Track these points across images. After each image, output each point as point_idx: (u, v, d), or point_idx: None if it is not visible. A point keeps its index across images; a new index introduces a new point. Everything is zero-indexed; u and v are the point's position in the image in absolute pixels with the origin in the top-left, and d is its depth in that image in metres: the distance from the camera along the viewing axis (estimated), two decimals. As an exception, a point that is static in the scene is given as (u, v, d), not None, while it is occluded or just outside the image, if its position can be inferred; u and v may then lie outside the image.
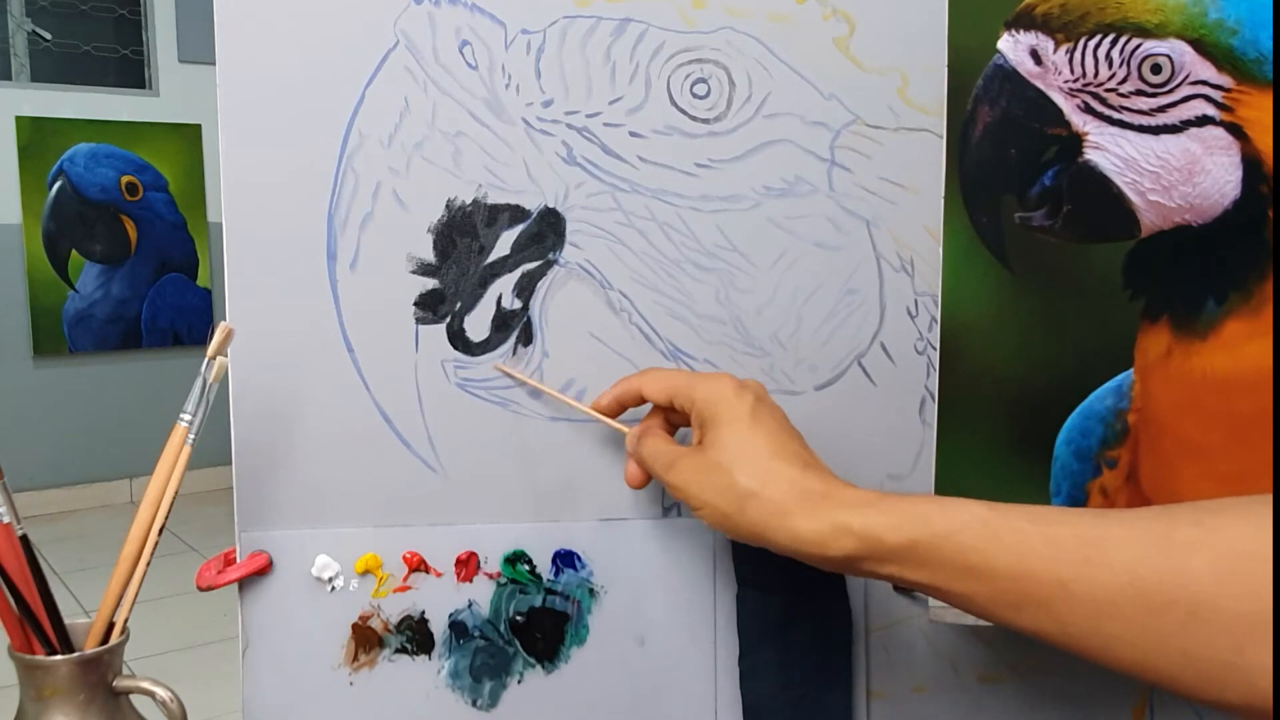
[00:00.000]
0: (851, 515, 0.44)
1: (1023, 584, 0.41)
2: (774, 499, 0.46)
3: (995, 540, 0.41)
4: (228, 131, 0.54)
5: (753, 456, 0.48)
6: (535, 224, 0.56)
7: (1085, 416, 0.55)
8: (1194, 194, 0.51)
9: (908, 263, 0.59)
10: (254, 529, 0.56)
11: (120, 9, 4.06)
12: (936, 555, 0.42)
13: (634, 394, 0.54)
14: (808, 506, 0.46)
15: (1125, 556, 0.39)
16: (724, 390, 0.50)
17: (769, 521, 0.46)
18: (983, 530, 0.42)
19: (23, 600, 0.51)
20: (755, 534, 0.47)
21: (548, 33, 0.55)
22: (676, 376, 0.53)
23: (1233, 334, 0.51)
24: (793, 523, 0.46)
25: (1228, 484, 0.52)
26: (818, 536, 0.45)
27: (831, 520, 0.45)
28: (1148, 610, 0.38)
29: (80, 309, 3.91)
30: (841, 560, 0.45)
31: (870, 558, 0.44)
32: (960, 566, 0.42)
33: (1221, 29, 0.50)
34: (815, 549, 0.45)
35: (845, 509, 0.45)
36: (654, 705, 0.59)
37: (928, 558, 0.43)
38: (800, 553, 0.46)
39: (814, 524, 0.45)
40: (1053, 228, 0.54)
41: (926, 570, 0.43)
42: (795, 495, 0.46)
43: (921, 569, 0.43)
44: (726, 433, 0.49)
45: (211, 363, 0.51)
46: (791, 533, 0.46)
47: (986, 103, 0.54)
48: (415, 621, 0.57)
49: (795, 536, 0.45)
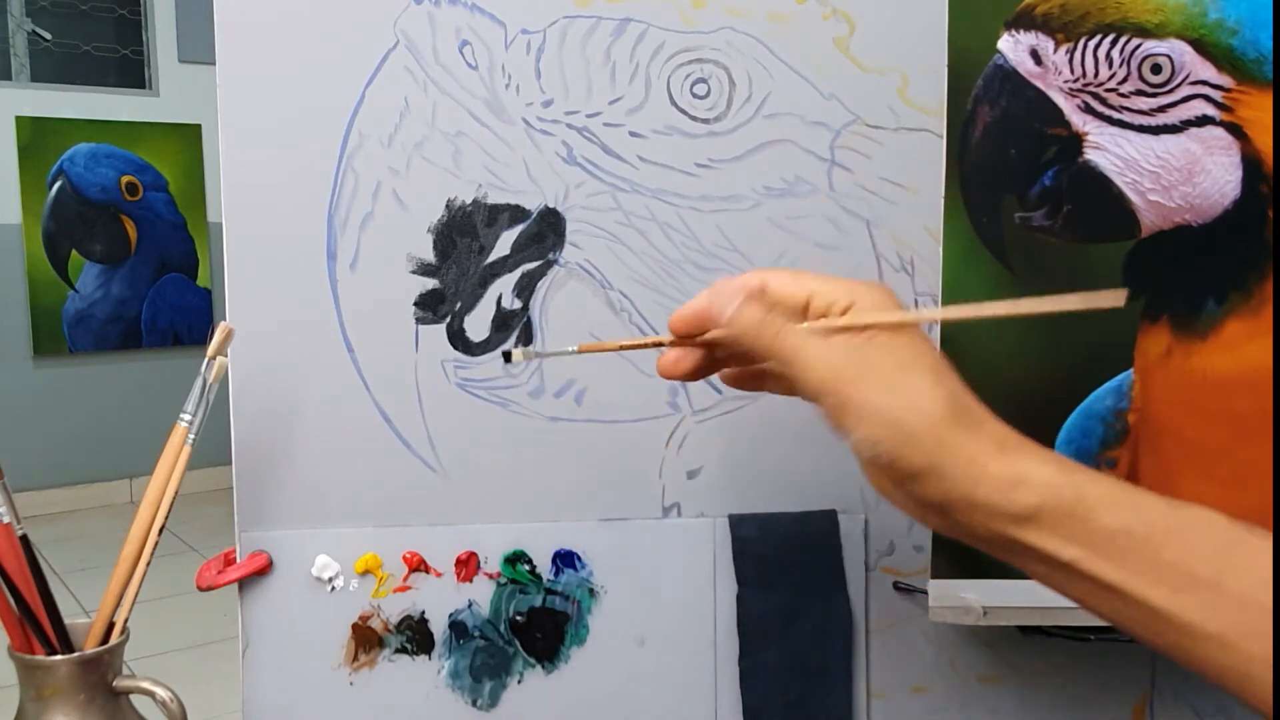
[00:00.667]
0: (1055, 470, 0.36)
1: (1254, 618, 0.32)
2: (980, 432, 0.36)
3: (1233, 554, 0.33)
4: (228, 131, 0.54)
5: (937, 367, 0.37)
6: (535, 224, 0.56)
7: (1085, 416, 0.55)
8: (1194, 194, 0.51)
9: (908, 263, 0.59)
10: (254, 529, 0.56)
11: (120, 9, 4.06)
12: (1152, 552, 0.34)
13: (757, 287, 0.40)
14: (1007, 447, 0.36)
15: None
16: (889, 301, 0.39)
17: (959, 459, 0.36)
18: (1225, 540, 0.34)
19: (23, 600, 0.51)
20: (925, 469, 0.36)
21: (548, 33, 0.55)
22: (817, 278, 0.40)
23: (1233, 334, 0.51)
24: (984, 462, 0.36)
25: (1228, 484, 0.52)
26: (1006, 480, 0.35)
27: (1026, 467, 0.36)
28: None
29: (80, 309, 3.91)
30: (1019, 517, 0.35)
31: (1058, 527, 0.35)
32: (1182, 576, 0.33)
33: (1221, 29, 0.50)
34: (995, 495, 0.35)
35: (1047, 462, 0.36)
36: (654, 705, 0.59)
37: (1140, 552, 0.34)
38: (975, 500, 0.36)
39: (1004, 466, 0.36)
40: (1053, 228, 0.54)
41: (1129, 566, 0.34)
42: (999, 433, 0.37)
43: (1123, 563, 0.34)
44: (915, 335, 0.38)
45: (211, 363, 0.51)
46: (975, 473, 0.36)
47: (986, 103, 0.54)
48: (415, 621, 0.57)
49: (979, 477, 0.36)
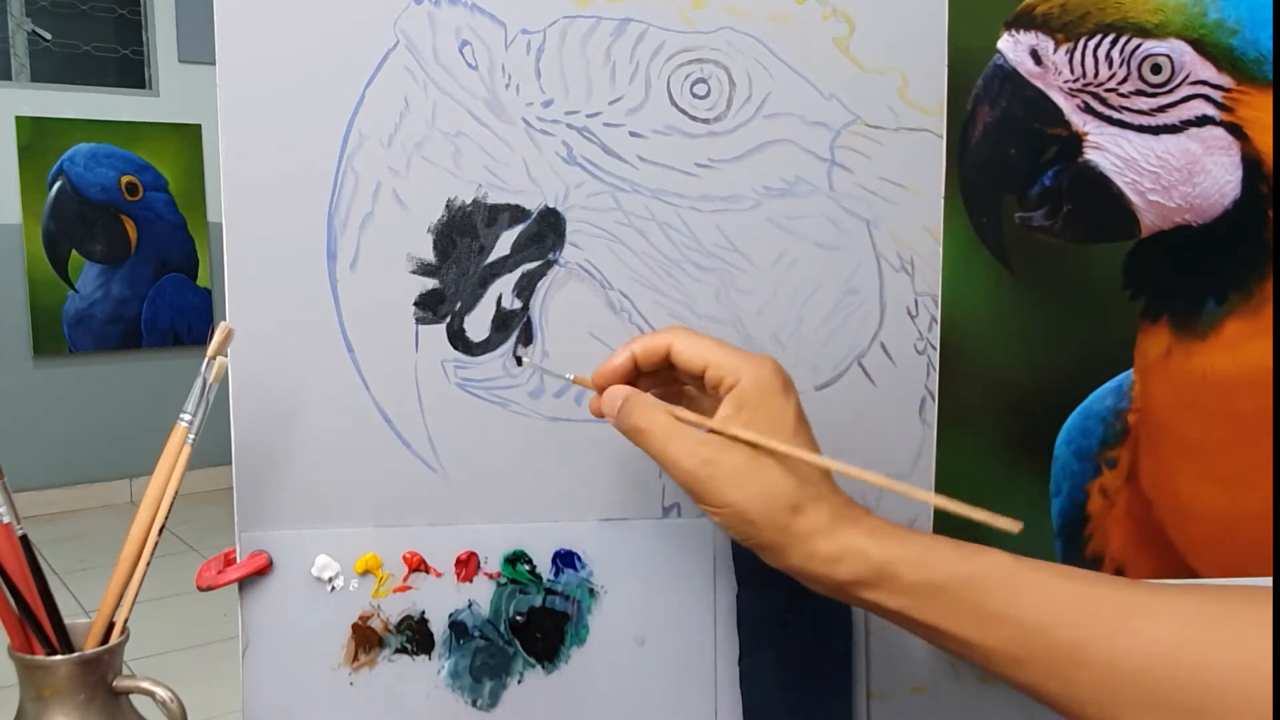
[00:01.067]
0: (871, 542, 0.43)
1: (1037, 639, 0.40)
2: (811, 519, 0.44)
3: (1017, 590, 0.40)
4: (228, 131, 0.54)
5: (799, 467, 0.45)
6: (535, 224, 0.56)
7: (1085, 416, 0.55)
8: (1194, 194, 0.51)
9: (908, 263, 0.59)
10: (254, 529, 0.56)
11: (120, 9, 4.06)
12: (950, 597, 0.41)
13: (659, 353, 0.48)
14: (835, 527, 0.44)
15: (1155, 629, 0.38)
16: (774, 380, 0.46)
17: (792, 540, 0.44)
18: (1004, 578, 0.41)
19: (23, 600, 0.51)
20: (770, 545, 0.45)
21: (548, 33, 0.55)
22: (717, 348, 0.47)
23: (1233, 334, 0.51)
24: (813, 542, 0.44)
25: (1228, 484, 0.52)
26: (830, 556, 0.44)
27: (849, 543, 0.43)
28: (1167, 685, 0.37)
29: (80, 309, 3.91)
30: (847, 584, 0.44)
31: (879, 587, 0.43)
32: (975, 613, 0.41)
33: (1221, 29, 0.50)
34: (823, 569, 0.44)
35: (865, 534, 0.44)
36: (654, 705, 0.59)
37: (940, 598, 0.42)
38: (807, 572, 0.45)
39: (830, 545, 0.44)
40: (1053, 228, 0.54)
41: (937, 610, 0.42)
42: (828, 516, 0.44)
43: (931, 608, 0.42)
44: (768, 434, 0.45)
45: (211, 363, 0.51)
46: (808, 552, 0.44)
47: (986, 103, 0.54)
48: (415, 621, 0.57)
49: (810, 555, 0.44)
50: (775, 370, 0.47)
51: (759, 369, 0.46)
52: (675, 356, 0.48)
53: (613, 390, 0.49)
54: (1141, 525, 0.54)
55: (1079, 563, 0.56)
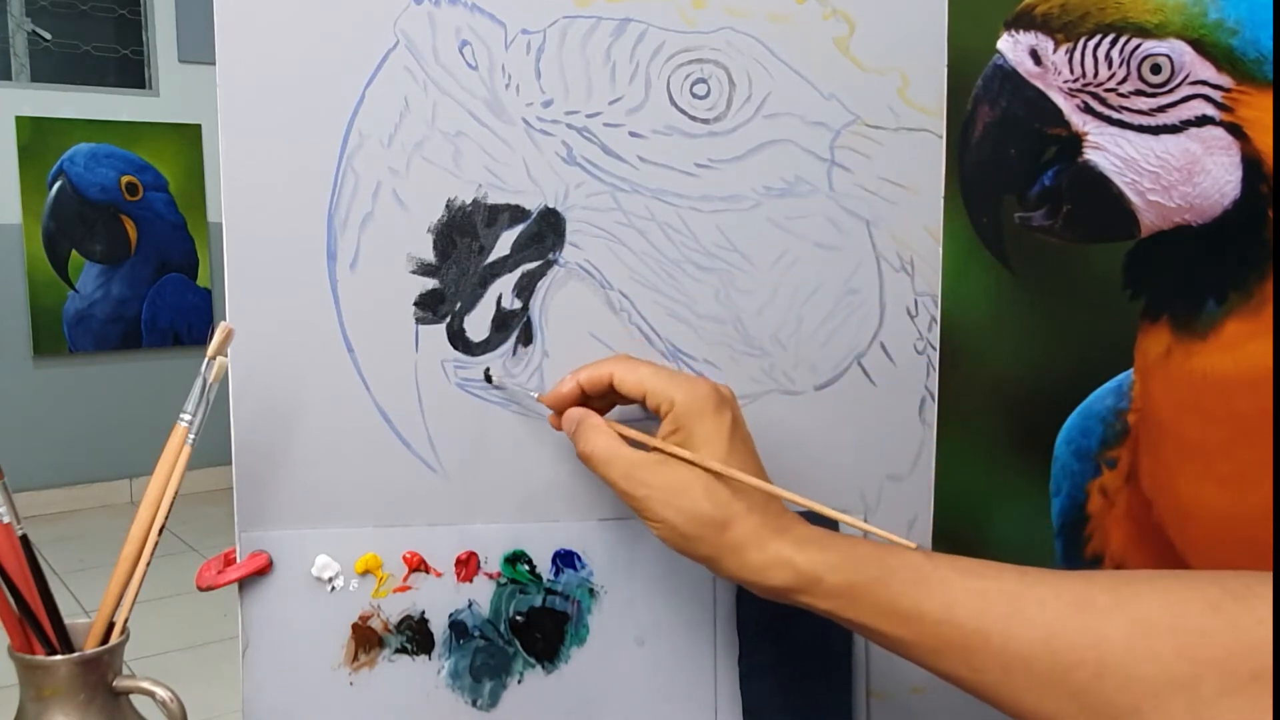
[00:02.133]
0: (796, 551, 0.47)
1: (945, 630, 0.43)
2: (740, 532, 0.47)
3: (925, 588, 0.44)
4: (228, 131, 0.54)
5: (726, 484, 0.48)
6: (535, 224, 0.56)
7: (1085, 416, 0.55)
8: (1194, 194, 0.51)
9: (908, 263, 0.59)
10: (254, 529, 0.56)
11: (120, 9, 4.06)
12: (870, 597, 0.45)
13: (603, 382, 0.52)
14: (763, 538, 0.47)
15: (1045, 615, 0.42)
16: (706, 401, 0.50)
17: (725, 552, 0.48)
18: (915, 577, 0.45)
19: (23, 600, 0.51)
20: (707, 558, 0.48)
21: (548, 33, 0.55)
22: (654, 375, 0.51)
23: (1233, 334, 0.51)
24: (745, 553, 0.47)
25: (1228, 484, 0.52)
26: (761, 565, 0.47)
27: (777, 553, 0.47)
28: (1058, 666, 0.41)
29: (80, 309, 3.91)
30: (779, 590, 0.47)
31: (807, 592, 0.46)
32: (891, 610, 0.45)
33: (1221, 29, 0.50)
34: (755, 577, 0.47)
35: (792, 545, 0.47)
36: (654, 705, 0.59)
37: (862, 598, 0.45)
38: (742, 579, 0.48)
39: (760, 555, 0.47)
40: (1053, 228, 0.54)
41: (860, 610, 0.45)
42: (755, 529, 0.48)
43: (855, 608, 0.46)
44: (703, 452, 0.49)
45: (211, 363, 0.51)
46: (740, 562, 0.47)
47: (986, 103, 0.54)
48: (415, 621, 0.57)
49: (743, 565, 0.47)
50: (708, 392, 0.50)
51: (692, 391, 0.50)
52: (617, 385, 0.52)
53: (570, 412, 0.53)
54: (1141, 525, 0.54)
55: (1079, 563, 0.56)
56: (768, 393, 0.58)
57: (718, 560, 0.48)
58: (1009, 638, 0.42)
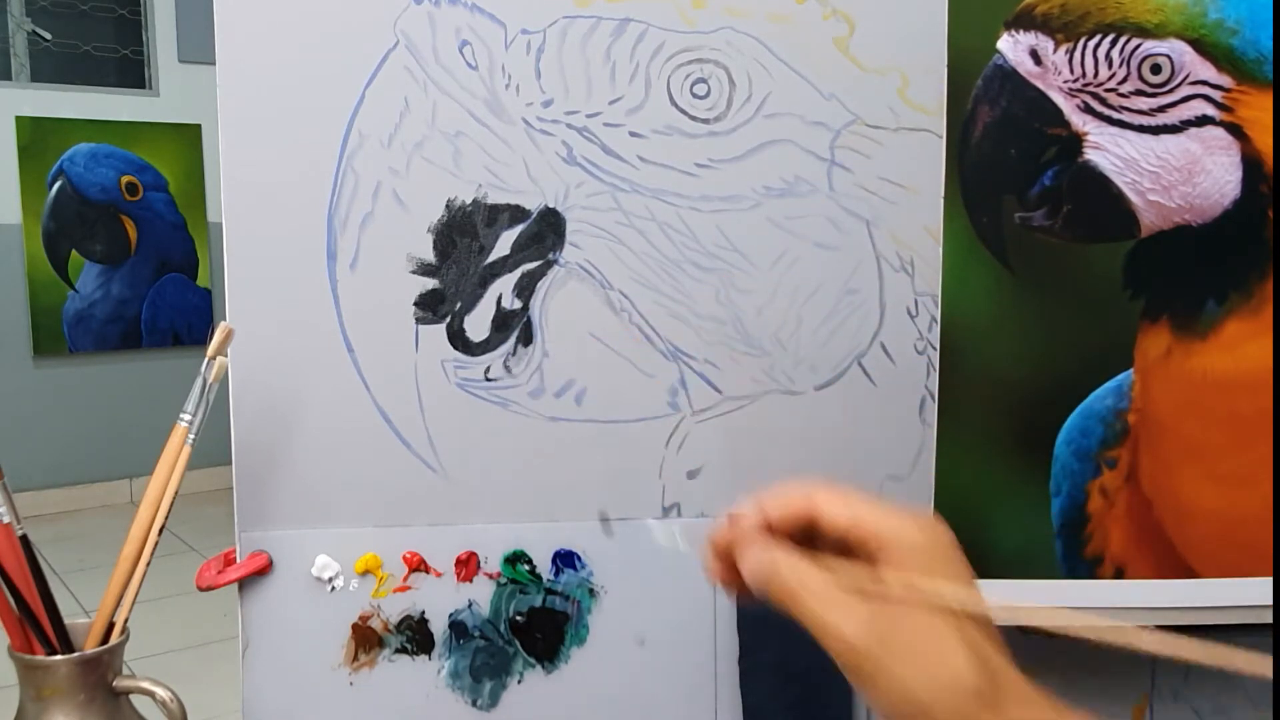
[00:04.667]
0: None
1: None
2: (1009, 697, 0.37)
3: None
4: (228, 131, 0.54)
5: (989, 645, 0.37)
6: (535, 224, 0.56)
7: (1085, 416, 0.55)
8: (1194, 194, 0.51)
9: (908, 263, 0.59)
10: (254, 529, 0.56)
11: (120, 9, 4.06)
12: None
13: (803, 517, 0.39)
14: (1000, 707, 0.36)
15: None
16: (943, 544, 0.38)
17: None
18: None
19: (23, 600, 0.51)
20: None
21: (548, 33, 0.55)
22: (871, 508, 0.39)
23: (1233, 334, 0.51)
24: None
25: (1228, 484, 0.52)
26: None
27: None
28: None
29: (80, 309, 3.90)
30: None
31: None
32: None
33: (1221, 29, 0.50)
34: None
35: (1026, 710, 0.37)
36: (654, 705, 0.59)
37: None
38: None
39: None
40: (1053, 228, 0.54)
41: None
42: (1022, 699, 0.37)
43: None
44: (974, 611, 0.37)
45: (211, 363, 0.51)
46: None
47: (986, 103, 0.54)
48: (415, 621, 0.57)
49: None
50: (942, 530, 0.38)
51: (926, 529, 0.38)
52: (825, 519, 0.39)
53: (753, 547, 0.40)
54: (1141, 525, 0.54)
55: (1079, 562, 0.56)
56: (768, 393, 0.58)
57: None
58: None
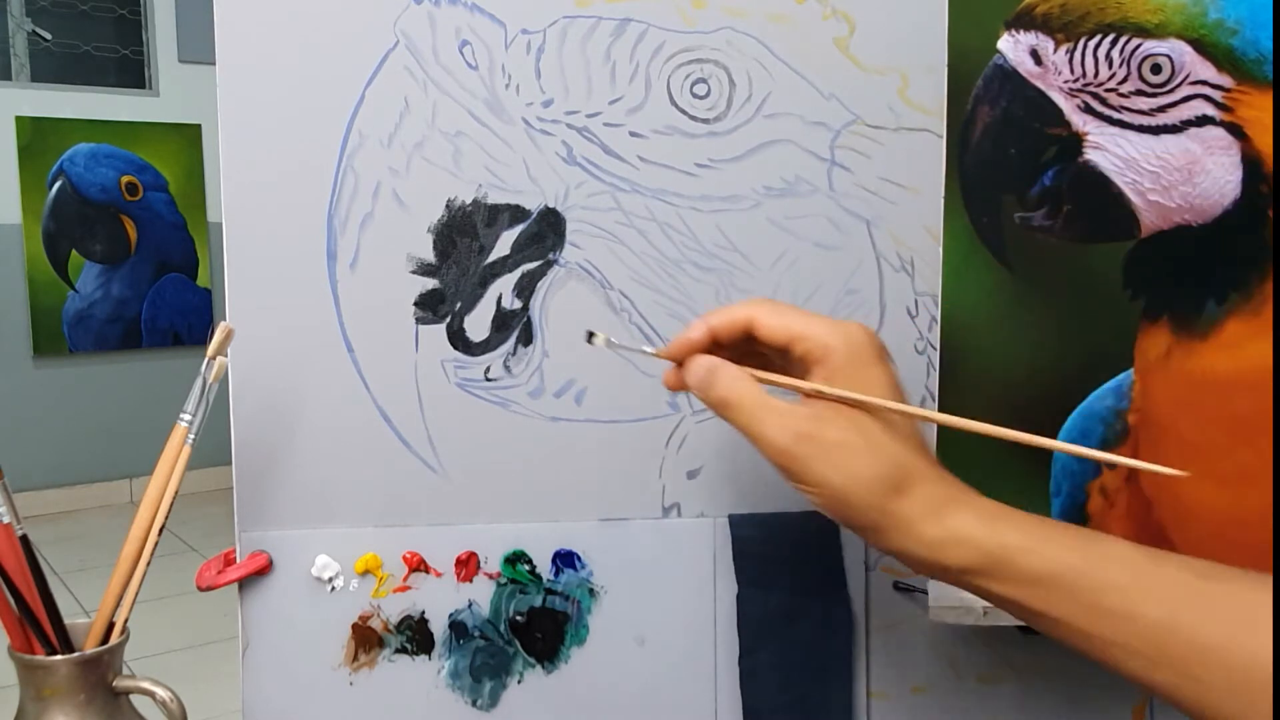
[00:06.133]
0: (980, 527, 0.40)
1: (1163, 636, 0.37)
2: (915, 500, 0.41)
3: (1141, 583, 0.38)
4: (228, 131, 0.54)
5: (899, 444, 0.41)
6: (535, 224, 0.56)
7: (1085, 416, 0.55)
8: (1194, 194, 0.51)
9: (908, 263, 0.59)
10: (254, 529, 0.56)
11: (120, 9, 4.06)
12: (1069, 588, 0.39)
13: (738, 327, 0.44)
14: (941, 508, 0.41)
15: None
16: (868, 349, 0.42)
17: (893, 522, 0.41)
18: (1129, 570, 0.38)
19: (23, 600, 0.51)
20: (870, 528, 0.41)
21: (548, 33, 0.55)
22: (802, 316, 0.43)
23: (1233, 334, 0.51)
24: (918, 526, 0.40)
25: (1228, 484, 0.52)
26: (936, 541, 0.40)
27: (957, 527, 0.40)
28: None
29: (80, 309, 3.90)
30: (954, 571, 0.41)
31: (992, 576, 0.40)
32: (1094, 606, 0.38)
33: (1221, 29, 0.50)
34: (928, 553, 0.41)
35: (975, 519, 0.40)
36: (654, 705, 0.59)
37: (1059, 589, 0.39)
38: (910, 555, 0.41)
39: (936, 529, 0.40)
40: (1053, 228, 0.54)
41: (1054, 602, 0.39)
42: (933, 497, 0.41)
43: (1048, 599, 0.39)
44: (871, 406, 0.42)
45: (211, 363, 0.51)
46: (911, 536, 0.41)
47: (986, 103, 0.54)
48: (415, 621, 0.57)
49: (914, 539, 0.41)
50: (868, 337, 0.43)
51: (851, 335, 0.42)
52: (759, 329, 0.44)
53: (697, 359, 0.44)
54: (1141, 525, 0.54)
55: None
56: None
57: (883, 532, 0.41)
58: (1249, 653, 0.36)
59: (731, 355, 0.45)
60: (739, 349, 0.45)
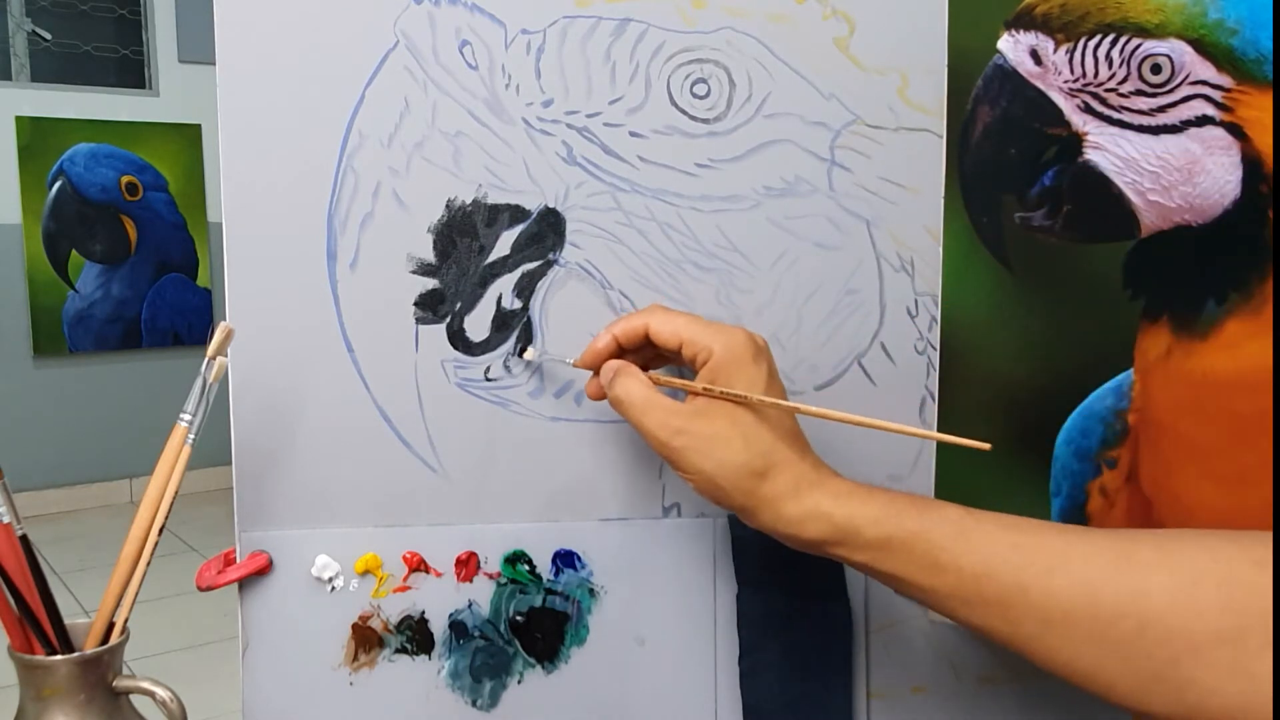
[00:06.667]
0: (833, 504, 0.47)
1: (984, 583, 0.44)
2: (777, 484, 0.47)
3: (965, 540, 0.44)
4: (228, 131, 0.54)
5: (766, 434, 0.48)
6: (535, 224, 0.56)
7: (1085, 416, 0.55)
8: (1194, 194, 0.51)
9: (908, 263, 0.59)
10: (254, 529, 0.56)
11: (120, 9, 4.06)
12: (907, 550, 0.45)
13: (638, 333, 0.52)
14: (800, 490, 0.47)
15: (1087, 570, 0.42)
16: (744, 350, 0.49)
17: (761, 503, 0.48)
18: (954, 531, 0.45)
19: (23, 600, 0.51)
20: (742, 508, 0.48)
21: (548, 33, 0.55)
22: (690, 324, 0.50)
23: (1233, 334, 0.51)
24: (781, 505, 0.47)
25: (1228, 484, 0.52)
26: (797, 518, 0.47)
27: (813, 505, 0.47)
28: (1099, 619, 0.41)
29: (80, 309, 3.91)
30: (814, 543, 0.47)
31: (843, 544, 0.47)
32: (929, 563, 0.45)
33: (1221, 29, 0.50)
34: (791, 529, 0.47)
35: (829, 497, 0.47)
36: (654, 705, 0.59)
37: (899, 551, 0.45)
38: (777, 531, 0.48)
39: (796, 507, 0.47)
40: (1053, 228, 0.54)
41: (896, 562, 0.46)
42: (793, 480, 0.47)
43: (892, 560, 0.46)
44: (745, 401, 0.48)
45: (211, 363, 0.51)
46: (776, 514, 0.47)
47: (986, 103, 0.54)
48: (415, 621, 0.57)
49: (778, 517, 0.47)
50: (746, 340, 0.50)
51: (729, 340, 0.49)
52: (653, 335, 0.51)
53: (607, 364, 0.52)
54: (1141, 525, 0.54)
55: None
56: (768, 393, 0.58)
57: (753, 512, 0.48)
58: (1049, 592, 0.42)
59: (643, 359, 0.53)
60: (648, 353, 0.53)
